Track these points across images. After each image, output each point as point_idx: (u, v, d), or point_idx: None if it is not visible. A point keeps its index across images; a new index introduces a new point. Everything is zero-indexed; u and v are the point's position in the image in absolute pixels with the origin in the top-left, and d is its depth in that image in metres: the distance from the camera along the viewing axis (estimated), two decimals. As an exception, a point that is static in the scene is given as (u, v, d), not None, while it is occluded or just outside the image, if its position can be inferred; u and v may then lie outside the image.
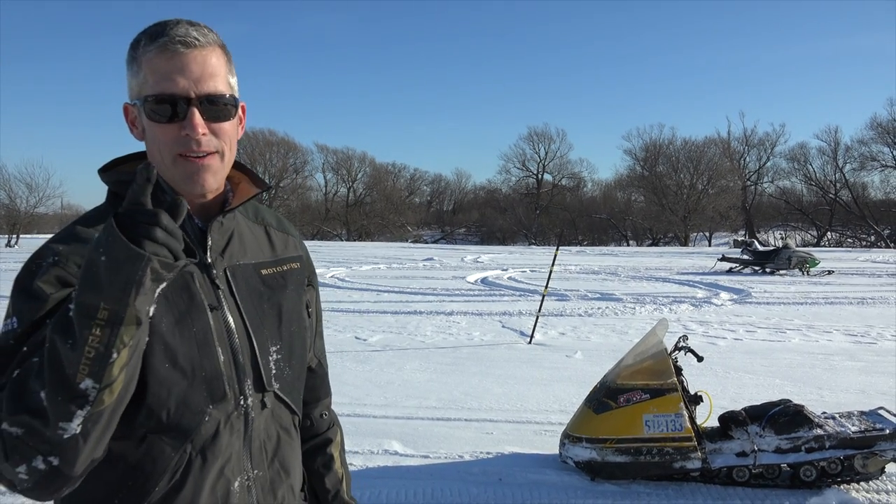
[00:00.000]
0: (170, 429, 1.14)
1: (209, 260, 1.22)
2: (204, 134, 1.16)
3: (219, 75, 1.18)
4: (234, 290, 1.24)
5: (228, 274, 1.25)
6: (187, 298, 1.17)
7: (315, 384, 1.51)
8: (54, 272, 1.10)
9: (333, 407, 1.60)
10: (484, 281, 18.18)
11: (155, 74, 1.14)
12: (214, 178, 1.21)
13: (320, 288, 1.52)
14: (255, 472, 1.25)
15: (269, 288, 1.30)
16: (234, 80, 1.24)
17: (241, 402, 1.21)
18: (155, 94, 1.14)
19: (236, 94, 1.24)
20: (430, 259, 26.63)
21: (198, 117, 1.15)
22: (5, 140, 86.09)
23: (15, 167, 72.03)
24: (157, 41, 1.14)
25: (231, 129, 1.22)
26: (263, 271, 1.31)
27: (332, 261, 25.02)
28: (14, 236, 37.99)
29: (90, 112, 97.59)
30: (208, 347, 1.17)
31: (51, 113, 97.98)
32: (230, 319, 1.21)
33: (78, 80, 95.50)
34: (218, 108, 1.18)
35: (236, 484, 1.21)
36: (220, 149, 1.20)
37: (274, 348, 1.27)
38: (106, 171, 1.26)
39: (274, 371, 1.27)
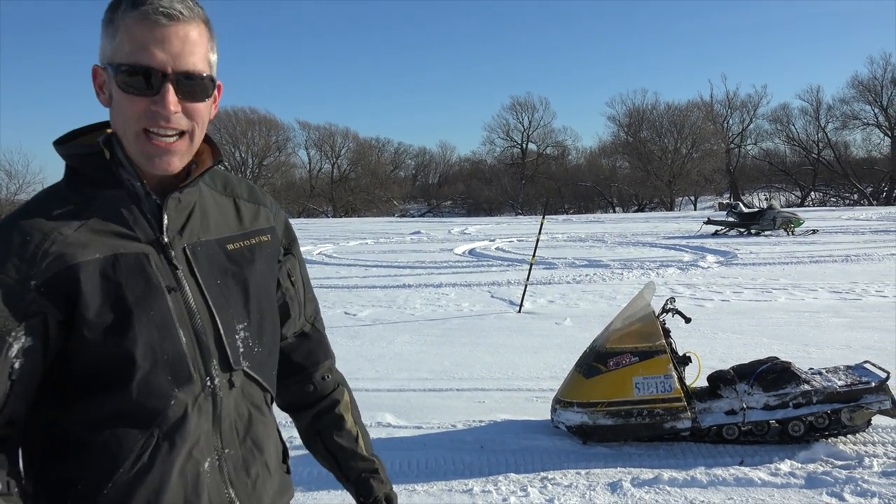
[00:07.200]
0: (135, 414, 1.12)
1: (166, 239, 1.17)
2: (175, 112, 1.11)
3: (199, 52, 1.13)
4: (195, 268, 1.19)
5: (188, 252, 1.19)
6: (143, 282, 1.12)
7: (311, 348, 1.49)
8: None
9: None
10: (472, 252, 18.17)
11: (132, 43, 1.08)
12: (180, 161, 1.15)
13: (310, 265, 1.48)
14: (227, 451, 1.22)
15: (234, 263, 1.25)
16: (213, 58, 1.18)
17: (208, 384, 1.18)
18: (129, 64, 1.08)
19: (214, 73, 1.18)
20: (418, 232, 26.55)
21: (172, 94, 1.10)
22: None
23: (-8, 154, 70.57)
24: (139, 8, 1.08)
25: (205, 110, 1.16)
26: (229, 246, 1.26)
27: (320, 238, 24.90)
28: (-5, 225, 37.46)
29: (66, 89, 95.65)
30: (168, 330, 1.13)
31: (24, 91, 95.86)
32: (191, 300, 1.17)
33: (50, 53, 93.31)
34: (194, 86, 1.12)
35: (206, 464, 1.19)
36: (189, 128, 1.14)
37: (240, 326, 1.23)
38: (62, 144, 1.19)
39: (242, 349, 1.23)
